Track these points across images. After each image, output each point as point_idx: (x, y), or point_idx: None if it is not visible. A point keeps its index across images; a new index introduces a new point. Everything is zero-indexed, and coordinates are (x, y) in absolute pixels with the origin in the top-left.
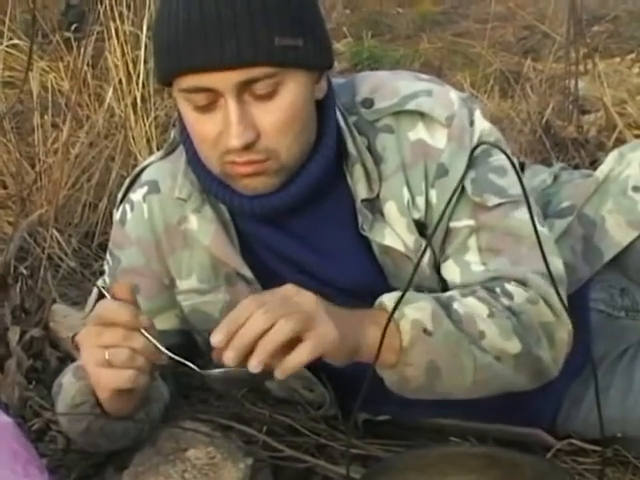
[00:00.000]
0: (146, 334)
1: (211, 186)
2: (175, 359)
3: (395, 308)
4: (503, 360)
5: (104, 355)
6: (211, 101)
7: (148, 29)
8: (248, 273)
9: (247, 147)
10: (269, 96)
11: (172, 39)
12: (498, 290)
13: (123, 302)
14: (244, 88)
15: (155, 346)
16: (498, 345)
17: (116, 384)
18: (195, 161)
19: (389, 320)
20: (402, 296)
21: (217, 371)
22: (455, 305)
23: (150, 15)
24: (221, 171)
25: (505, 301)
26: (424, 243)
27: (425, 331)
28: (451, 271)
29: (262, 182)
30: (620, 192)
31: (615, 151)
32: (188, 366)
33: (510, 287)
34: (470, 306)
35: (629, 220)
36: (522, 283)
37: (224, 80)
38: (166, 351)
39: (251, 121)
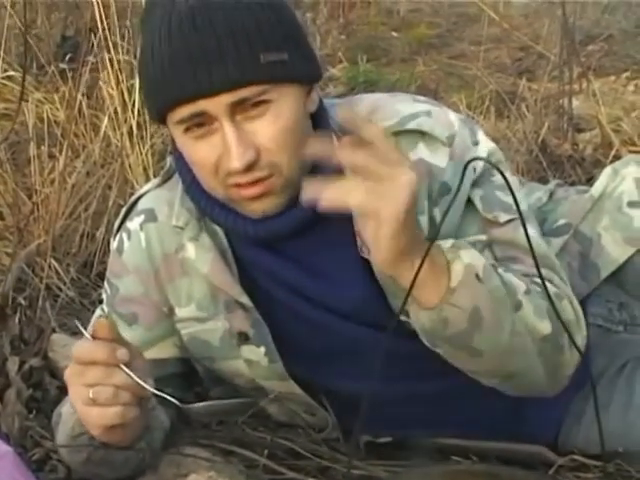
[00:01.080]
0: (126, 369)
1: (212, 212)
2: (156, 394)
3: (423, 261)
4: (532, 339)
5: (89, 394)
6: (206, 126)
7: None
8: (247, 301)
9: (249, 167)
10: (262, 113)
11: (158, 75)
12: (528, 280)
13: (100, 340)
14: (237, 109)
15: (137, 380)
16: (531, 322)
17: (104, 421)
18: (194, 188)
19: (422, 264)
20: (403, 306)
21: (200, 405)
22: (500, 270)
23: None
24: (226, 196)
25: (537, 288)
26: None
27: (477, 277)
28: None
29: (269, 203)
30: (615, 208)
31: (608, 167)
32: (170, 400)
33: (538, 280)
34: (510, 278)
35: (625, 236)
36: (548, 281)
37: (216, 104)
38: (146, 386)
39: (249, 140)
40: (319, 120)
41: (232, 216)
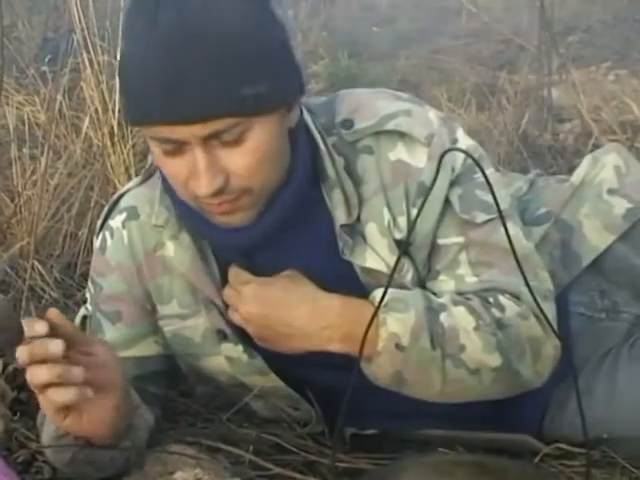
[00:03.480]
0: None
1: (188, 220)
2: None
3: (369, 325)
4: (482, 372)
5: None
6: (178, 147)
7: None
8: (220, 303)
9: (217, 192)
10: (237, 142)
11: (137, 89)
12: (491, 300)
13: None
14: (211, 137)
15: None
16: (478, 358)
17: (58, 398)
18: (172, 192)
19: (367, 329)
20: (373, 317)
21: None
22: (442, 317)
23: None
24: (197, 207)
25: (496, 313)
26: (407, 261)
27: (397, 346)
28: (444, 284)
29: (239, 217)
30: (596, 196)
31: (589, 155)
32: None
33: (503, 300)
34: (457, 317)
35: (606, 224)
36: (515, 296)
37: (190, 133)
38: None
39: (220, 166)
40: (295, 130)
41: (208, 227)
